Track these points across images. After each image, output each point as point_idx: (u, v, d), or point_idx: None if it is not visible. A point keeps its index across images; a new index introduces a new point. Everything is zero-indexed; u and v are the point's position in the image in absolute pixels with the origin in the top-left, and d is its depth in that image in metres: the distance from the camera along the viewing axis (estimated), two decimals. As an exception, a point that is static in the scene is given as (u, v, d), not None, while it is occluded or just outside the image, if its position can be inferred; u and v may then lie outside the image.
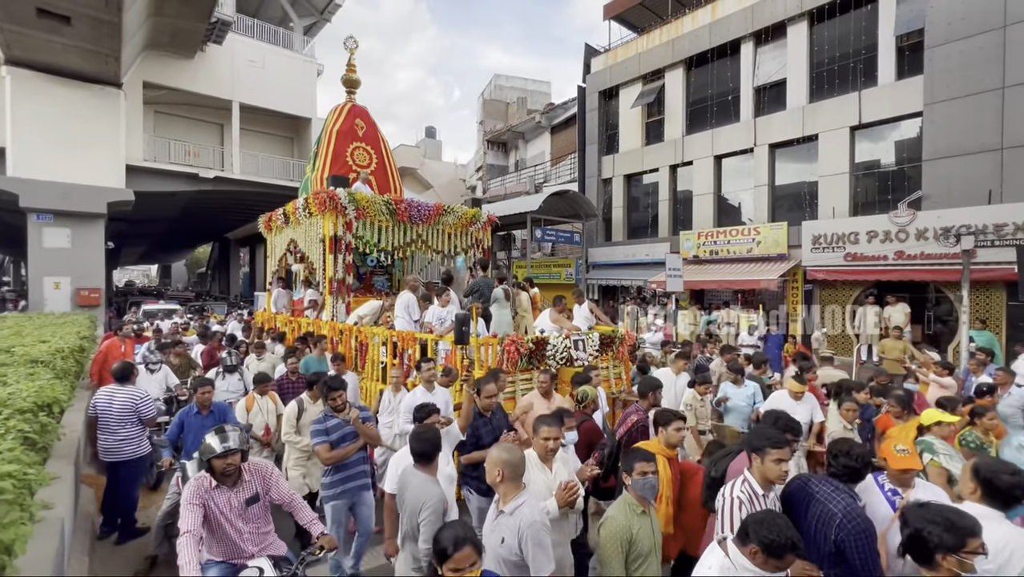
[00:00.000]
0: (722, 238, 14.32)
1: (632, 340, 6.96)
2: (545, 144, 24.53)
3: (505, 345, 5.27)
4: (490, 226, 9.28)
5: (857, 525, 2.23)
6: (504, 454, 2.51)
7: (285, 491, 2.98)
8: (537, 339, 5.59)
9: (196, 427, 4.42)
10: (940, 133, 10.85)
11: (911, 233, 10.78)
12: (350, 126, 9.52)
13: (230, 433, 2.77)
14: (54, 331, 6.93)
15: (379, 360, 6.44)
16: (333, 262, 7.50)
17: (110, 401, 4.61)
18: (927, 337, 11.20)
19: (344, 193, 7.39)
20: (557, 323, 6.33)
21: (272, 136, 23.86)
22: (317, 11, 23.15)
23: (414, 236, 8.19)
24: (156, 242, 39.08)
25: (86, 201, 15.74)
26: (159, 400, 6.13)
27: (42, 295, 15.41)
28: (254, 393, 5.05)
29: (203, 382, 4.55)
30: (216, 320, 15.19)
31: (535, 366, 5.46)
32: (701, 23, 15.34)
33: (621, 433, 3.82)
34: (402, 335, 6.07)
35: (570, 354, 5.75)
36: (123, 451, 4.59)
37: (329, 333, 7.33)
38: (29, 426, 2.81)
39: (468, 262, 8.90)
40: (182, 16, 15.57)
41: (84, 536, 4.08)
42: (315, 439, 3.71)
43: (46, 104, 15.27)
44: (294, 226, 8.73)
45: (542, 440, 2.95)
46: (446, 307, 6.17)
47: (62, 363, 4.95)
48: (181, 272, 65.28)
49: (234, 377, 6.21)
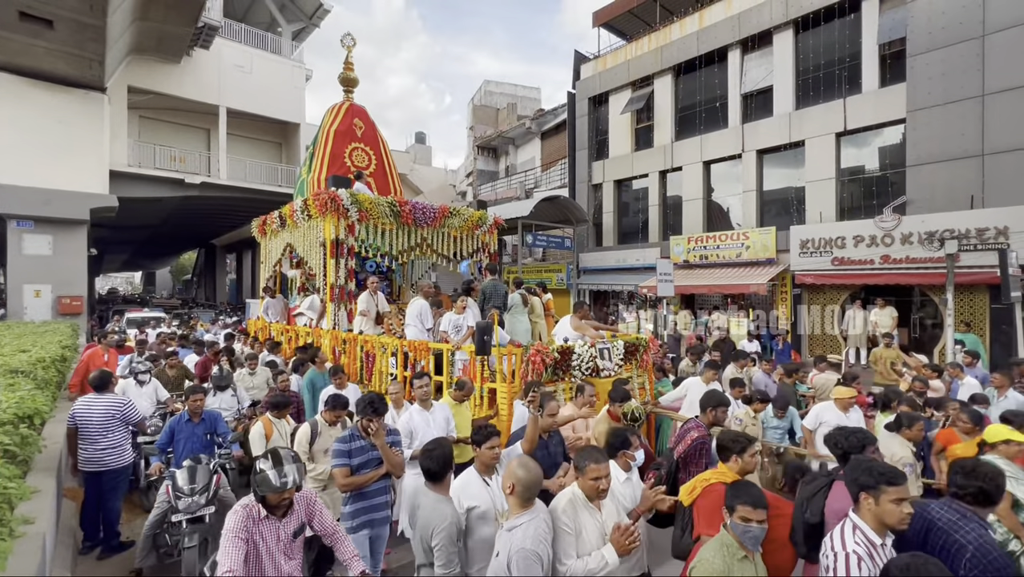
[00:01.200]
0: (712, 243, 14.45)
1: (656, 348, 6.61)
2: (535, 150, 24.63)
3: (529, 355, 4.91)
4: (496, 229, 8.98)
5: (993, 561, 1.87)
6: (520, 471, 2.44)
7: (328, 522, 2.75)
8: (562, 348, 5.25)
9: (186, 435, 4.42)
10: (923, 139, 11.08)
11: (896, 238, 10.96)
12: (348, 126, 9.16)
13: (288, 466, 2.47)
14: (35, 340, 6.76)
15: (388, 371, 6.07)
16: (335, 267, 7.13)
17: (90, 411, 4.47)
18: (913, 340, 11.38)
19: (346, 194, 7.05)
20: (580, 331, 5.91)
21: (260, 141, 23.64)
22: (306, 16, 23.06)
23: (418, 239, 7.83)
24: (140, 249, 38.48)
25: (68, 207, 15.41)
26: (153, 416, 5.90)
27: (22, 303, 15.02)
28: (270, 416, 4.67)
29: (195, 390, 4.52)
30: (203, 328, 14.75)
31: (560, 377, 5.15)
32: (689, 31, 15.54)
33: (679, 452, 3.49)
34: (414, 345, 5.74)
35: (596, 364, 5.42)
36: (104, 461, 4.46)
37: (330, 343, 6.94)
38: (9, 438, 2.71)
39: (472, 268, 8.64)
40: (168, 21, 15.40)
41: (66, 551, 3.94)
42: (335, 461, 3.39)
43: (28, 109, 14.97)
44: (291, 229, 8.38)
45: (591, 480, 2.46)
46: (462, 314, 5.85)
47: (43, 373, 4.83)
48: (166, 279, 64.27)
49: (226, 393, 5.90)
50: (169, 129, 20.91)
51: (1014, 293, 8.13)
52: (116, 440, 4.53)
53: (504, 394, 4.89)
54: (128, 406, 4.68)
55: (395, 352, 5.99)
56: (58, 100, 15.42)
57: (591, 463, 2.49)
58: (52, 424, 4.76)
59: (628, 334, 6.42)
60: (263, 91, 21.49)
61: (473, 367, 5.14)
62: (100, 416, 4.47)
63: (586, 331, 5.89)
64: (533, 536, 2.32)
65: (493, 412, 4.86)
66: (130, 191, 17.75)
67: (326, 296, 7.36)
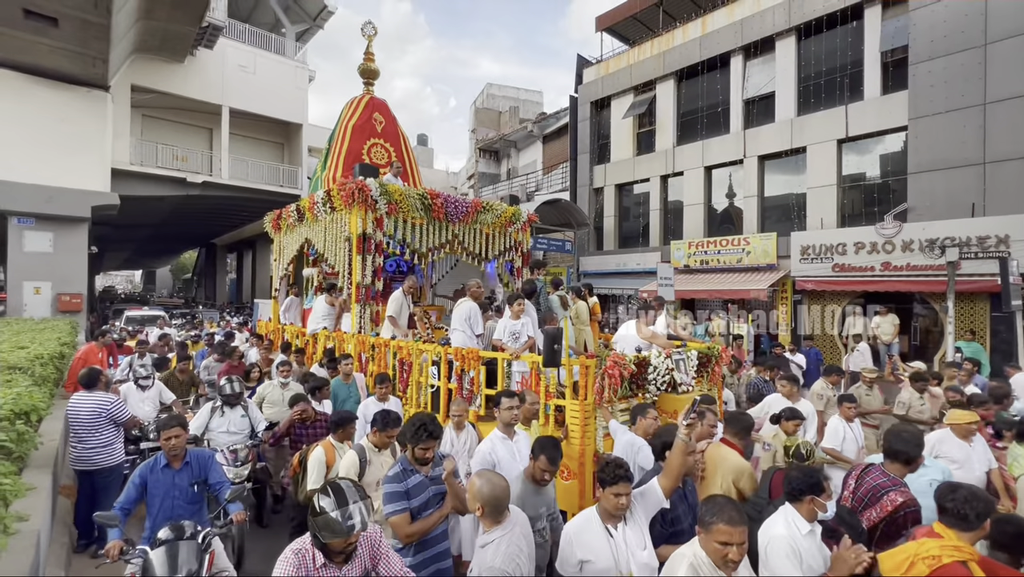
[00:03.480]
0: (712, 248, 14.44)
1: (728, 359, 5.88)
2: (537, 153, 24.66)
3: (606, 367, 4.23)
4: (529, 226, 8.37)
5: None
6: (485, 487, 2.34)
7: (396, 566, 2.32)
8: (638, 359, 4.56)
9: (165, 488, 3.14)
10: (924, 147, 11.09)
11: (897, 245, 10.96)
12: (367, 120, 8.58)
13: (353, 505, 2.05)
14: (33, 337, 6.75)
15: (428, 383, 5.35)
16: (360, 264, 6.46)
17: (78, 409, 4.45)
18: (913, 348, 11.36)
19: (375, 184, 6.42)
20: (649, 339, 5.15)
21: (262, 141, 23.68)
22: (309, 17, 23.14)
23: (449, 236, 7.19)
24: (141, 247, 38.49)
25: (70, 205, 15.43)
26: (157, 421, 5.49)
27: (21, 300, 15.02)
28: (332, 440, 3.82)
29: (170, 422, 3.24)
30: (211, 328, 14.38)
31: (634, 393, 4.48)
32: (691, 36, 15.58)
33: (876, 519, 2.63)
34: (462, 353, 4.99)
35: (672, 377, 4.76)
36: (93, 460, 4.44)
37: (356, 348, 6.25)
38: (5, 435, 2.70)
39: (501, 268, 8.04)
40: (173, 20, 15.45)
41: (61, 549, 3.92)
42: (390, 505, 2.70)
43: (31, 106, 15.00)
44: (310, 224, 7.69)
45: (717, 544, 1.96)
46: (519, 319, 5.12)
47: (41, 370, 4.82)
48: (166, 278, 64.28)
49: (236, 412, 4.76)
50: (172, 128, 20.95)
51: (1015, 302, 8.12)
52: (105, 439, 4.50)
53: (575, 413, 4.14)
54: (115, 404, 4.62)
55: (437, 360, 5.30)
56: (61, 98, 15.45)
57: (721, 522, 1.96)
58: (49, 421, 4.74)
59: (700, 342, 5.66)
60: (266, 91, 21.54)
61: (535, 380, 4.47)
62: (88, 414, 4.44)
63: (655, 339, 5.13)
64: (504, 553, 2.24)
65: (562, 434, 4.15)
66: (132, 189, 17.77)
67: (351, 296, 6.66)
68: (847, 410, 4.55)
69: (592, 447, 4.08)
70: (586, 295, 6.69)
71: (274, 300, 9.48)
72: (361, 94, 8.96)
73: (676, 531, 2.54)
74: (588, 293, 6.85)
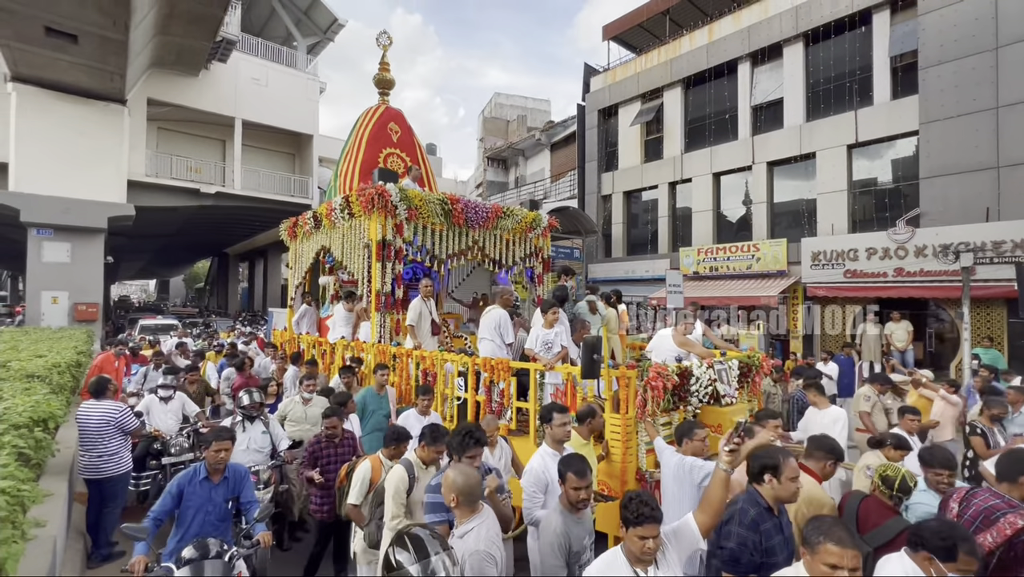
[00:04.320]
0: (722, 254, 14.37)
1: (770, 368, 5.50)
2: (545, 161, 24.77)
3: (649, 379, 3.94)
4: (550, 232, 8.19)
5: None
6: (459, 478, 2.41)
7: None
8: (680, 369, 4.27)
9: (200, 500, 3.04)
10: (936, 152, 10.98)
11: (910, 250, 10.83)
12: (383, 130, 8.46)
13: (436, 558, 1.82)
14: (51, 346, 6.88)
15: (454, 395, 5.16)
16: (380, 271, 6.29)
17: (88, 417, 4.51)
18: (928, 355, 11.18)
19: (395, 189, 6.26)
20: (686, 347, 4.84)
21: (273, 152, 24.06)
22: (320, 31, 23.55)
23: (470, 242, 7.02)
24: (155, 257, 39.11)
25: (87, 216, 15.78)
26: (179, 435, 5.44)
27: (39, 309, 15.32)
28: (381, 456, 3.55)
29: (222, 434, 3.23)
30: (225, 337, 14.35)
31: (675, 406, 4.20)
32: (698, 44, 15.62)
33: (993, 544, 2.44)
34: (491, 363, 4.74)
35: (715, 388, 4.46)
36: (100, 468, 4.48)
37: (375, 358, 6.06)
38: (24, 442, 2.75)
39: (519, 276, 7.80)
40: (188, 35, 15.81)
41: (76, 555, 3.98)
42: (432, 516, 2.65)
43: (50, 120, 15.40)
44: (327, 231, 7.57)
45: (826, 566, 1.80)
46: (552, 328, 4.83)
47: (58, 378, 4.91)
48: (179, 287, 65.17)
49: (256, 429, 4.48)
50: (186, 140, 21.36)
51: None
52: (113, 448, 4.53)
53: (616, 429, 3.88)
54: (123, 413, 4.64)
55: (463, 371, 5.04)
56: (80, 112, 15.85)
57: (830, 542, 1.78)
58: (65, 428, 4.82)
59: (740, 351, 5.34)
60: (278, 103, 21.91)
61: (570, 393, 4.24)
62: (96, 423, 4.49)
63: (694, 348, 4.82)
64: (485, 537, 2.33)
65: (602, 451, 3.92)
66: (147, 200, 18.11)
67: (371, 304, 6.45)
68: (909, 423, 4.27)
69: (634, 464, 3.88)
70: (614, 302, 6.41)
71: (289, 309, 9.33)
72: (376, 104, 8.87)
73: (769, 563, 2.30)
74: (616, 300, 6.55)
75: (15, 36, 12.51)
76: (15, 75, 14.67)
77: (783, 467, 2.38)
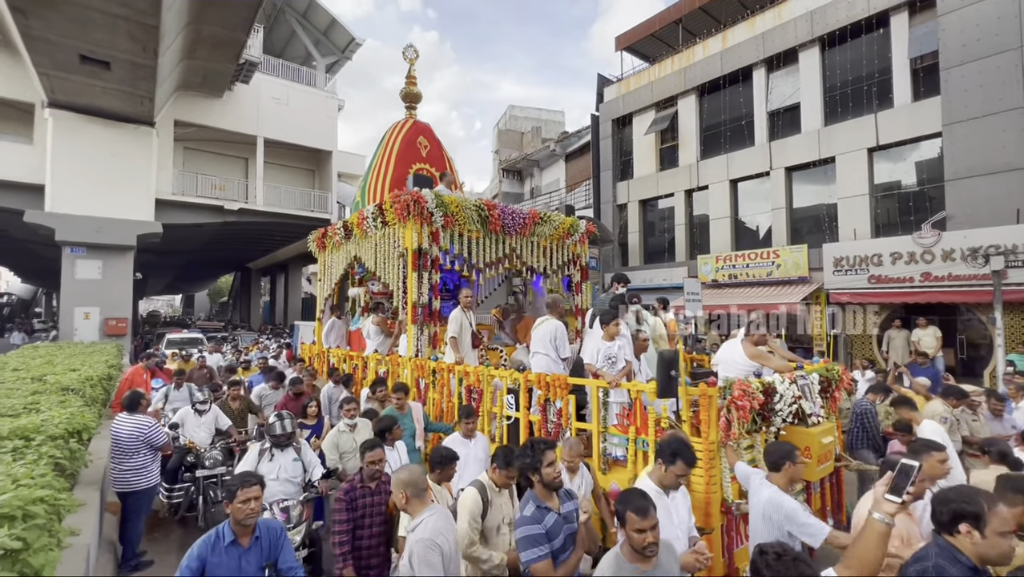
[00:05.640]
0: (740, 262, 14.18)
1: (849, 382, 4.97)
2: (560, 171, 24.85)
3: (733, 397, 3.51)
4: (587, 238, 7.89)
5: None
6: (404, 475, 2.57)
7: None
8: (764, 386, 3.81)
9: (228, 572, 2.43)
10: (961, 153, 10.72)
11: (937, 254, 10.54)
12: (411, 145, 8.24)
13: None
14: (83, 360, 7.11)
15: (503, 414, 4.73)
16: (416, 281, 5.99)
17: (120, 430, 4.64)
18: (960, 362, 10.81)
19: (431, 195, 5.99)
20: (759, 360, 4.32)
21: (294, 169, 24.64)
22: (339, 50, 24.16)
23: (507, 249, 6.72)
24: (181, 272, 40.15)
25: (117, 234, 16.35)
26: (213, 448, 5.36)
27: (72, 325, 15.86)
28: (430, 480, 3.17)
29: (247, 480, 2.56)
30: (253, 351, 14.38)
31: (757, 428, 3.75)
32: (712, 51, 15.59)
33: None
34: (546, 379, 4.33)
35: (800, 407, 3.99)
36: (130, 481, 4.60)
37: (413, 373, 5.71)
38: (60, 452, 2.86)
39: (549, 284, 7.48)
40: (213, 59, 16.39)
41: (107, 564, 4.08)
42: (532, 551, 2.35)
43: (84, 143, 16.06)
44: (359, 240, 7.32)
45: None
46: (615, 341, 4.35)
47: (91, 391, 5.07)
48: (204, 302, 66.70)
49: (287, 456, 3.93)
50: (210, 159, 22.03)
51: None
52: (141, 462, 4.64)
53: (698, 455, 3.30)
54: (152, 428, 4.74)
55: (513, 388, 4.62)
56: (111, 134, 16.50)
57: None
58: (97, 440, 4.97)
59: (811, 363, 4.80)
60: (298, 121, 22.49)
61: (637, 413, 3.78)
62: (127, 436, 4.61)
63: (769, 361, 4.30)
64: (432, 528, 2.43)
65: None
66: (173, 218, 18.69)
67: (407, 317, 6.10)
68: None
69: (719, 495, 3.45)
70: (658, 311, 5.94)
71: (318, 322, 9.09)
72: (404, 118, 8.67)
73: None
74: (662, 307, 6.07)
75: (53, 64, 13.14)
76: (52, 101, 15.36)
77: (989, 516, 1.75)
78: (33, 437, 2.86)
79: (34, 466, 2.44)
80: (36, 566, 1.84)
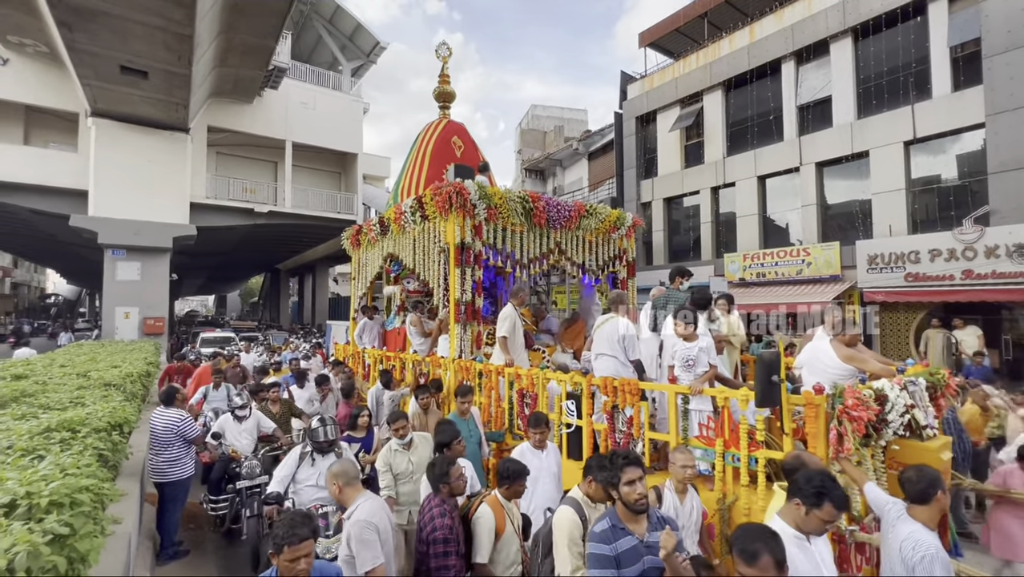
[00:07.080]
0: (769, 260, 13.83)
1: (955, 388, 4.38)
2: (583, 170, 24.71)
3: (845, 407, 3.00)
4: (634, 232, 7.48)
5: None
6: (335, 467, 2.81)
7: None
8: (877, 393, 3.29)
9: None
10: (1006, 144, 10.22)
11: (979, 251, 10.08)
12: (446, 145, 8.02)
13: None
14: (124, 357, 7.43)
15: (561, 421, 4.33)
16: (459, 278, 5.67)
17: (156, 424, 4.89)
18: (1005, 363, 10.30)
19: (474, 187, 5.64)
20: (854, 363, 3.75)
21: (321, 171, 25.18)
22: (364, 54, 24.57)
23: (552, 244, 6.43)
24: (213, 273, 41.46)
25: (155, 237, 17.05)
26: (256, 455, 5.17)
27: (114, 324, 16.60)
28: (500, 495, 2.92)
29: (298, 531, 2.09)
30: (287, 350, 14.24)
31: (867, 442, 3.18)
32: (739, 45, 15.26)
33: None
34: (614, 384, 3.92)
35: (913, 417, 3.44)
36: (165, 472, 4.81)
37: (456, 375, 5.45)
38: (103, 444, 3.00)
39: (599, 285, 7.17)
40: (244, 65, 16.89)
41: (146, 553, 4.26)
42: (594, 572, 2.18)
43: (123, 150, 16.78)
44: (395, 236, 7.02)
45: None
46: (693, 343, 3.83)
47: (131, 387, 5.30)
48: (235, 302, 68.81)
49: (329, 462, 3.62)
50: (241, 163, 22.70)
51: None
52: (176, 454, 4.87)
53: None
54: (185, 421, 4.94)
55: (574, 393, 4.24)
56: (148, 141, 17.19)
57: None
58: (136, 434, 5.19)
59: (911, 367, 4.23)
60: (325, 125, 22.97)
61: (725, 423, 3.35)
62: (162, 429, 4.85)
63: (866, 364, 3.76)
64: (367, 510, 2.63)
65: None
66: (207, 221, 19.34)
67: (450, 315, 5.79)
68: None
69: None
70: (725, 307, 5.34)
71: (352, 321, 8.87)
72: (438, 118, 8.44)
73: None
74: (728, 304, 5.45)
75: (94, 75, 13.77)
76: (94, 111, 16.09)
77: None
78: (79, 429, 3.01)
79: (80, 457, 2.57)
80: (82, 551, 1.93)
